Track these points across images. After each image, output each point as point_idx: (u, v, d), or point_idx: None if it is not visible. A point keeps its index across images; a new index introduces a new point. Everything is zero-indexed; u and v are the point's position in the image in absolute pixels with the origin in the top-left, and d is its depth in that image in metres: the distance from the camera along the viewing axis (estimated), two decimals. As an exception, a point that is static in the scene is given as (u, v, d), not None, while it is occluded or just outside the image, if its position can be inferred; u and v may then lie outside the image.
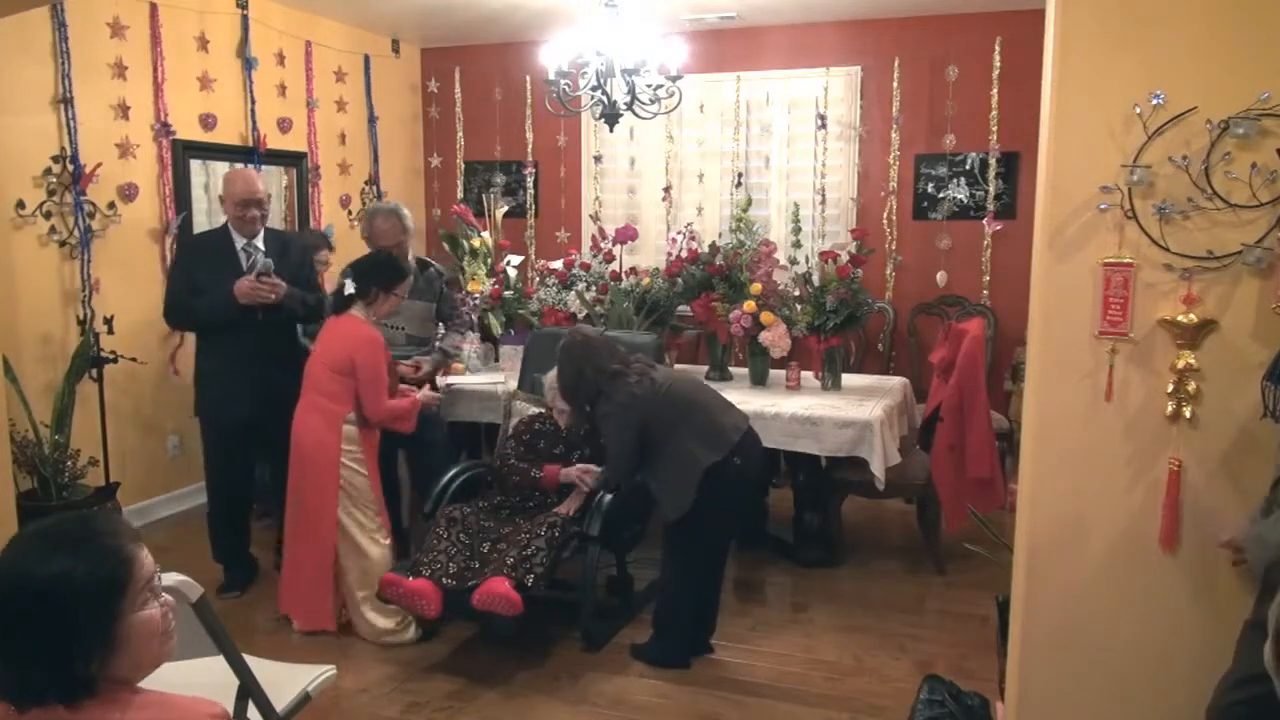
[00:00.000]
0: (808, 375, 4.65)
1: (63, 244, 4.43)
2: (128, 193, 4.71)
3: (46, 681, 1.28)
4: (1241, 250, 2.19)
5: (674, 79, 4.42)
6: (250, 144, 5.41)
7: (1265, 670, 1.95)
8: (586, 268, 5.04)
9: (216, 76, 5.19)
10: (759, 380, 4.68)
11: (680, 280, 4.81)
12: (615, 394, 3.38)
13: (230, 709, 2.09)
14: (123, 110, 4.69)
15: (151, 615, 1.36)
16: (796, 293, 4.62)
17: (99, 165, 4.53)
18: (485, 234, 5.50)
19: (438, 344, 4.38)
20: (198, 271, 3.90)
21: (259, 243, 3.96)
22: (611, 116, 4.52)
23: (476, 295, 5.11)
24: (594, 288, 4.92)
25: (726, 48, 6.11)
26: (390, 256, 3.86)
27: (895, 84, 5.86)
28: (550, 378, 3.94)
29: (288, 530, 3.69)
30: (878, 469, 3.96)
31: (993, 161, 5.73)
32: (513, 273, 5.33)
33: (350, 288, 3.63)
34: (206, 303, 3.83)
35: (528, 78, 6.49)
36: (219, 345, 3.95)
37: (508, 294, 5.15)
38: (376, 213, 4.26)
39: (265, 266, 3.85)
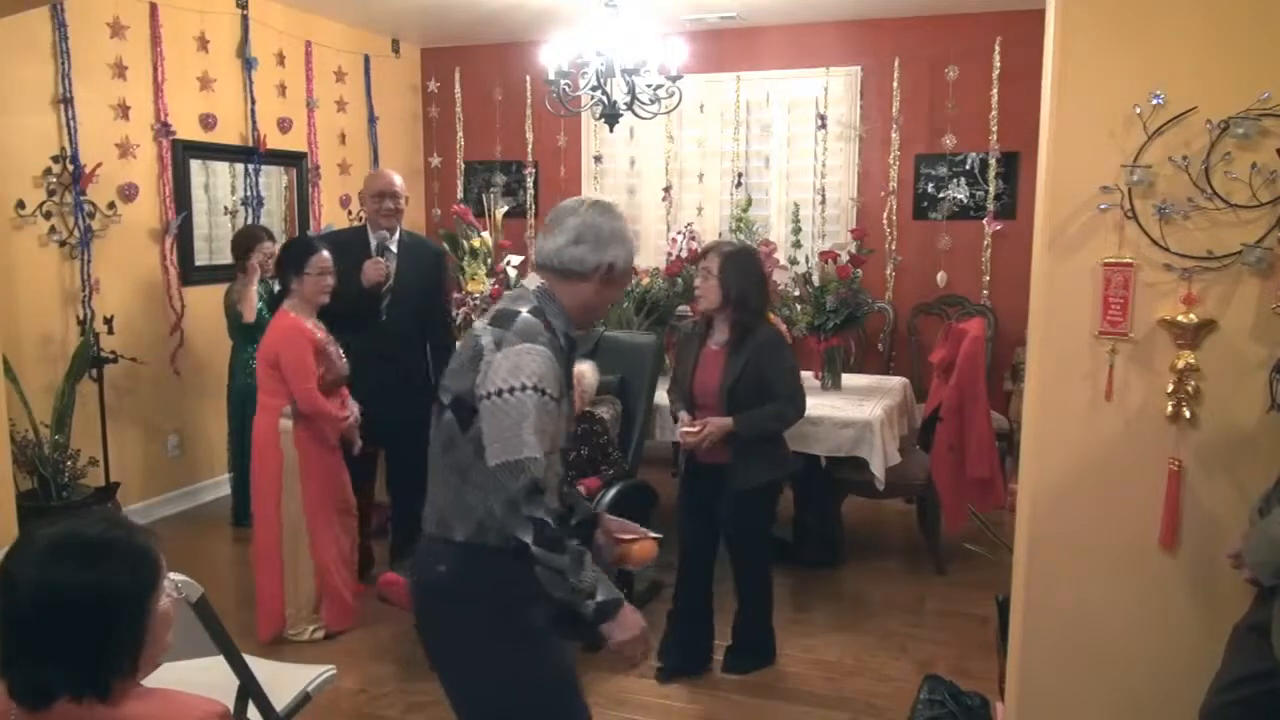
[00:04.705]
0: (808, 375, 4.63)
1: (63, 244, 4.43)
2: (128, 193, 4.71)
3: (79, 680, 1.30)
4: (1241, 250, 2.19)
5: (674, 79, 4.42)
6: (250, 144, 5.41)
7: (1256, 671, 1.96)
8: (586, 268, 5.03)
9: (216, 76, 5.19)
10: (759, 380, 4.67)
11: (680, 280, 4.81)
12: (779, 334, 3.37)
13: (230, 709, 2.09)
14: (123, 110, 4.69)
15: (168, 607, 1.40)
16: (796, 293, 4.62)
17: (99, 165, 4.53)
18: (485, 234, 5.50)
19: None
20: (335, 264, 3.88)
21: (392, 245, 4.01)
22: (611, 116, 4.52)
23: (476, 295, 5.12)
24: (594, 288, 4.92)
25: (726, 48, 6.11)
26: (293, 239, 4.02)
27: (895, 84, 5.86)
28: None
29: None
30: (878, 469, 3.95)
31: (993, 161, 5.73)
32: (513, 273, 5.33)
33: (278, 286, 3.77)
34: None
35: (528, 78, 6.49)
36: (345, 348, 3.91)
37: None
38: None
39: (381, 236, 4.00)
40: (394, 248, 4.00)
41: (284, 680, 2.34)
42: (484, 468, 1.83)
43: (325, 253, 3.63)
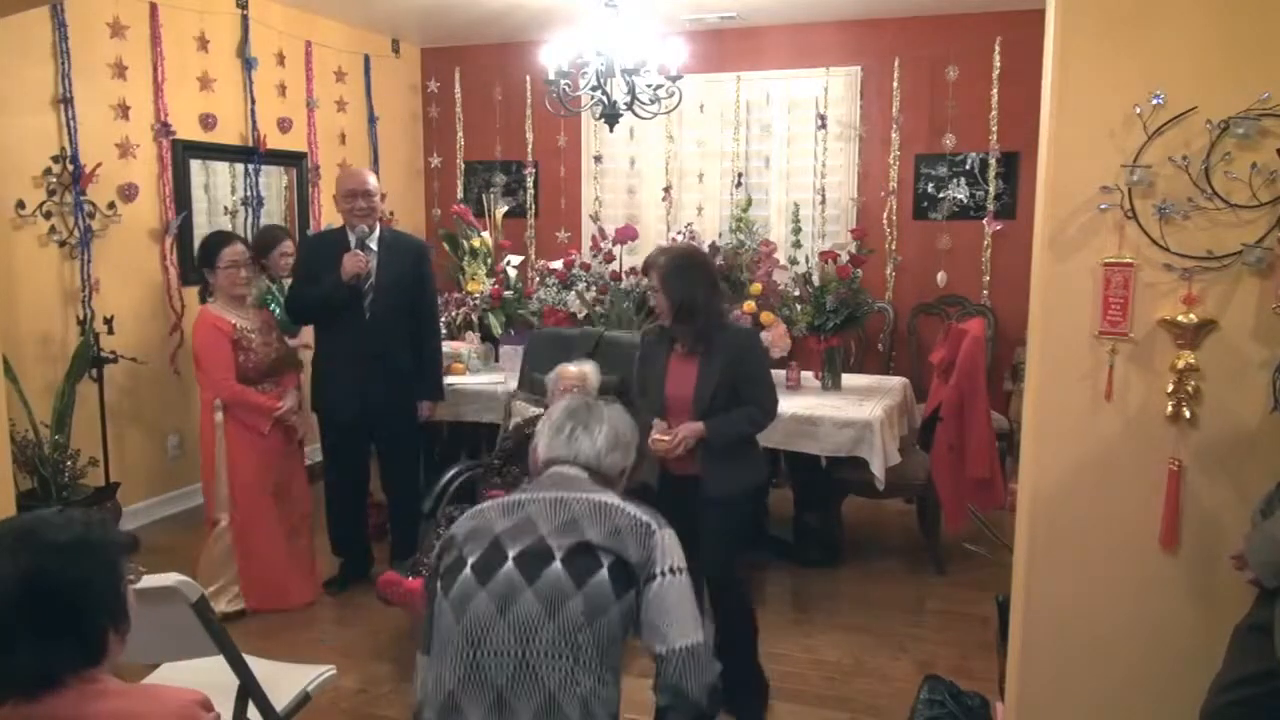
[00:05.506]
0: (808, 375, 4.65)
1: (63, 244, 4.43)
2: (128, 193, 4.71)
3: (81, 657, 1.33)
4: (1241, 250, 2.20)
5: (674, 79, 4.42)
6: (250, 144, 5.41)
7: (1258, 671, 1.96)
8: (586, 268, 5.04)
9: (216, 76, 5.18)
10: (759, 380, 4.67)
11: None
12: (751, 333, 3.31)
13: (229, 707, 2.09)
14: (123, 110, 4.69)
15: (131, 587, 1.43)
16: (796, 293, 4.62)
17: (99, 165, 4.52)
18: (485, 234, 5.50)
19: None
20: (316, 267, 3.95)
21: (372, 242, 3.97)
22: (611, 116, 4.52)
23: (476, 295, 5.12)
24: (594, 288, 4.92)
25: (726, 48, 6.11)
26: (209, 234, 4.14)
27: (895, 84, 5.86)
28: (553, 376, 3.93)
29: None
30: (878, 469, 3.95)
31: (993, 161, 5.73)
32: (512, 273, 5.33)
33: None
34: (318, 288, 3.90)
35: (528, 78, 6.49)
36: (332, 344, 4.01)
37: (507, 294, 5.15)
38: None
39: (360, 234, 3.97)
40: (374, 245, 3.98)
41: (284, 680, 2.34)
42: (616, 648, 1.71)
43: (239, 245, 3.81)
